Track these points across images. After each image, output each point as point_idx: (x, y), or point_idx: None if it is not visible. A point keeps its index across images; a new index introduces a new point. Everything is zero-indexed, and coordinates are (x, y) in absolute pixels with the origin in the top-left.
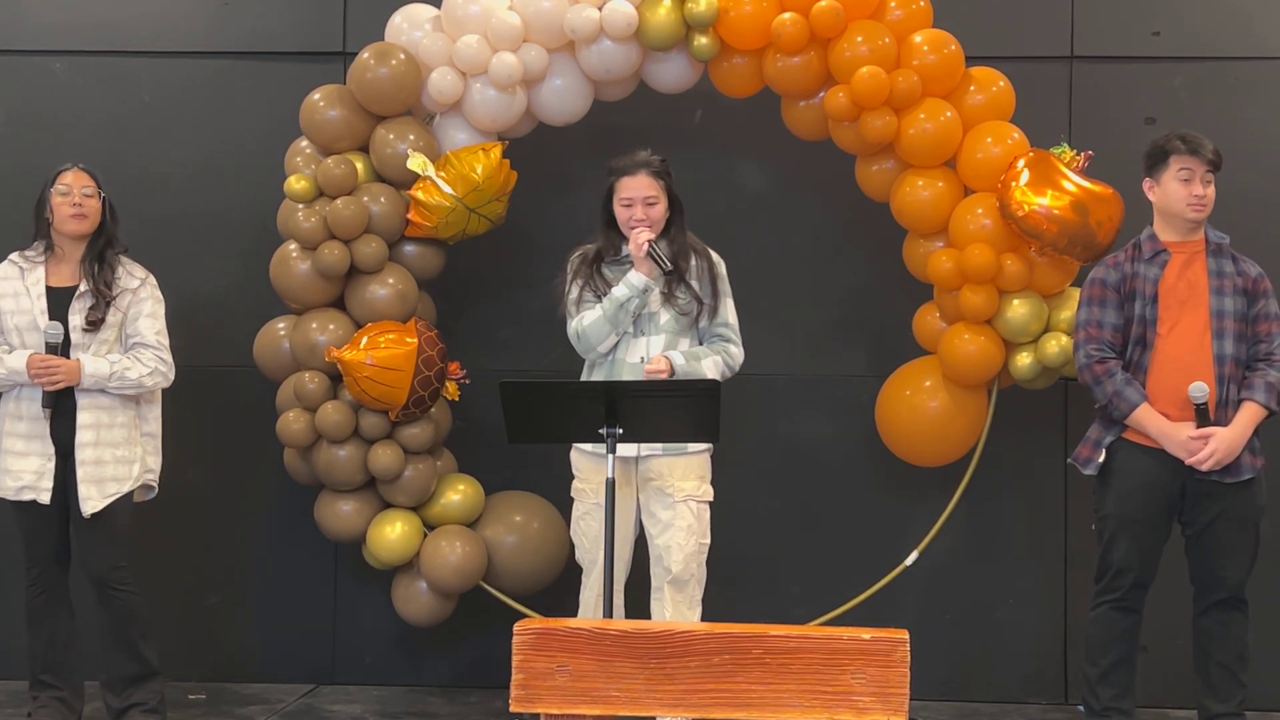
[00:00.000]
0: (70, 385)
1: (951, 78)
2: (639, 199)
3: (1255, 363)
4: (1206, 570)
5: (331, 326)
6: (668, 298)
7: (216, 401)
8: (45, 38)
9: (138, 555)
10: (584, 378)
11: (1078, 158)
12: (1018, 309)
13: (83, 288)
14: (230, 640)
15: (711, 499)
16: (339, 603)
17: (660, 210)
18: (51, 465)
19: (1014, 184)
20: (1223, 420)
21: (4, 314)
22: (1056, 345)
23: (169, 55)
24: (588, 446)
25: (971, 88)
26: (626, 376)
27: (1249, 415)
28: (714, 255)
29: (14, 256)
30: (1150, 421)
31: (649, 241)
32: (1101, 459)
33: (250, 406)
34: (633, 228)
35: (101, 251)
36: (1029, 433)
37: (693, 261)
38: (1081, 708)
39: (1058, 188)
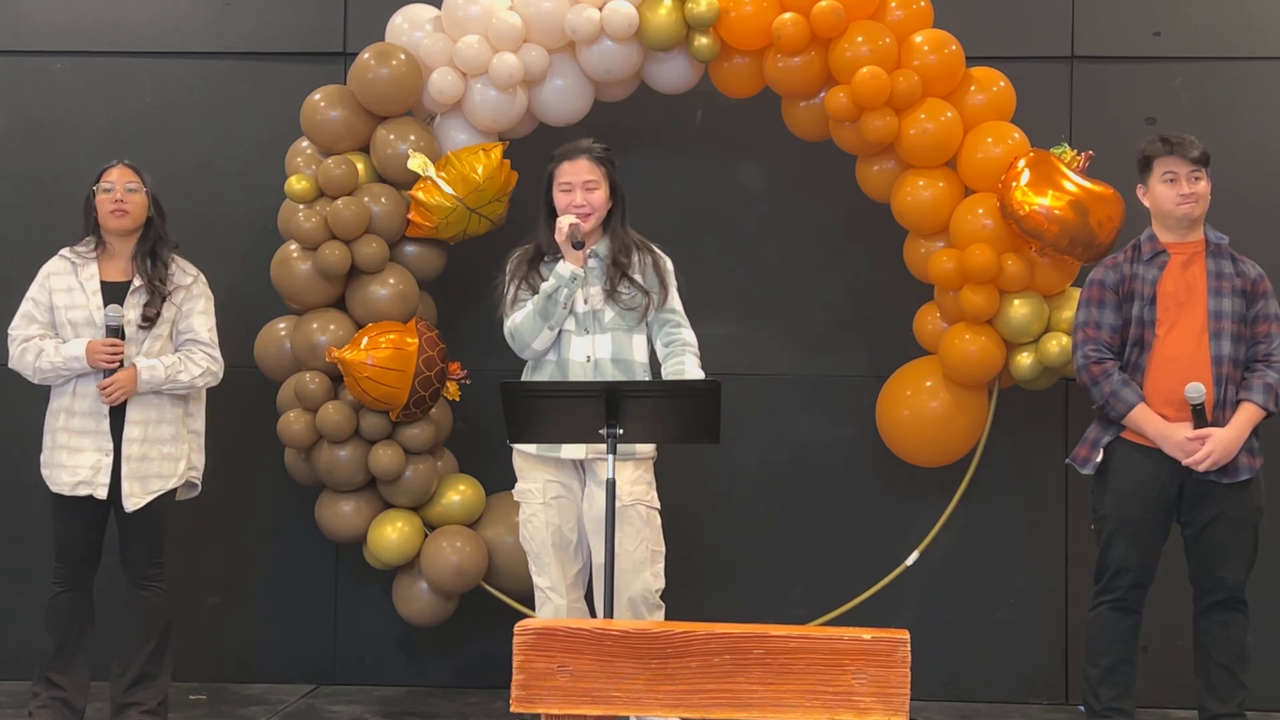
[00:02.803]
0: (127, 396)
1: (952, 78)
2: (578, 183)
3: (1254, 364)
4: (1206, 571)
5: (332, 327)
6: (610, 294)
7: (217, 402)
8: (45, 38)
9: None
10: (528, 378)
11: (1078, 158)
12: (1018, 309)
13: (137, 283)
14: (231, 641)
15: (659, 507)
16: (340, 603)
17: (600, 197)
18: (109, 461)
19: (1015, 184)
20: (1221, 421)
21: (58, 309)
22: (1057, 345)
23: (170, 56)
24: (531, 448)
25: (972, 88)
26: (574, 375)
27: (1246, 416)
28: (657, 250)
29: (65, 252)
30: (1147, 422)
31: (570, 225)
32: (1099, 459)
33: (251, 407)
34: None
35: (153, 248)
36: (1030, 433)
37: (634, 257)
38: (1082, 708)
39: (1058, 188)
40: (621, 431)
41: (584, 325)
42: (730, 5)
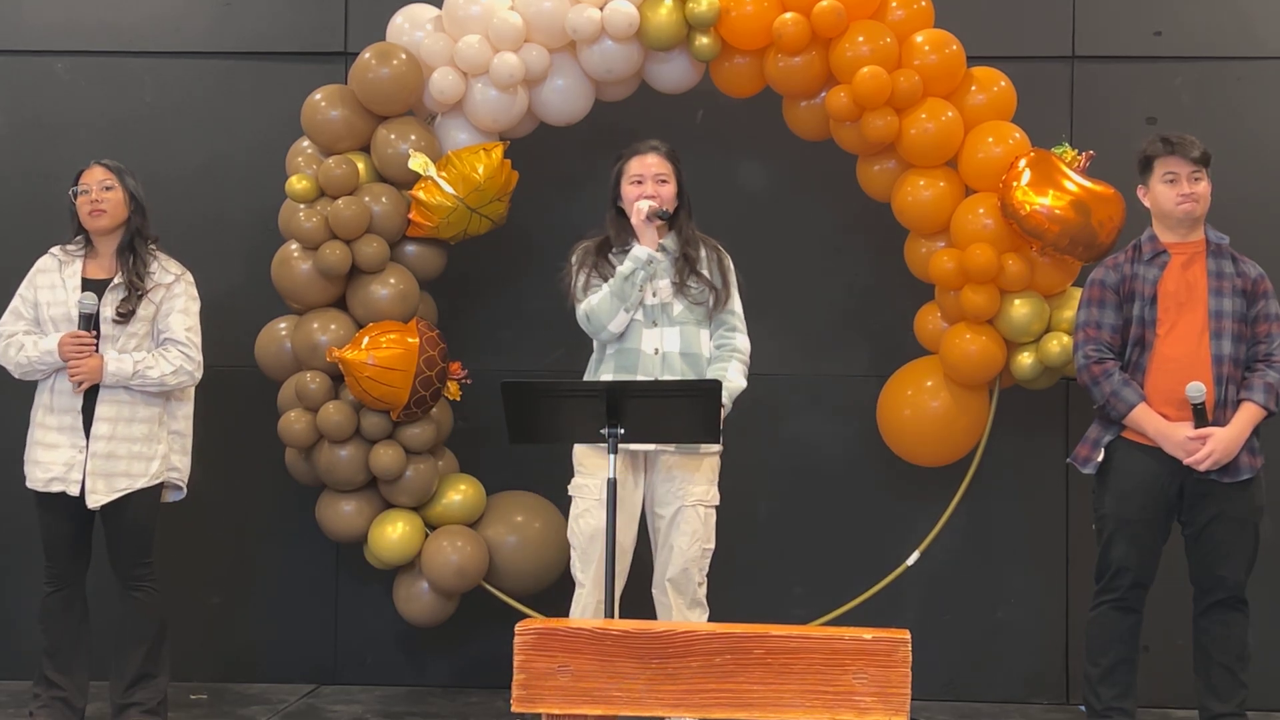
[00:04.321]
0: (94, 384)
1: (953, 78)
2: (650, 175)
3: (1254, 363)
4: (1206, 570)
5: (333, 326)
6: (680, 288)
7: (218, 402)
8: (46, 38)
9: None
10: (594, 371)
11: (1079, 158)
12: (1019, 309)
13: (117, 280)
14: (232, 640)
15: (718, 503)
16: (340, 603)
17: (670, 191)
18: (82, 458)
19: (1015, 184)
20: (1221, 420)
21: (40, 305)
22: (1058, 345)
23: (170, 56)
24: None
25: (973, 87)
26: (643, 367)
27: (1247, 415)
28: (721, 249)
29: (54, 250)
30: (1148, 421)
31: (649, 206)
32: (1100, 458)
33: (252, 407)
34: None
35: (131, 243)
36: (1030, 433)
37: (702, 252)
38: (1083, 708)
39: (1059, 188)
40: (622, 431)
41: (652, 318)
42: (731, 5)
